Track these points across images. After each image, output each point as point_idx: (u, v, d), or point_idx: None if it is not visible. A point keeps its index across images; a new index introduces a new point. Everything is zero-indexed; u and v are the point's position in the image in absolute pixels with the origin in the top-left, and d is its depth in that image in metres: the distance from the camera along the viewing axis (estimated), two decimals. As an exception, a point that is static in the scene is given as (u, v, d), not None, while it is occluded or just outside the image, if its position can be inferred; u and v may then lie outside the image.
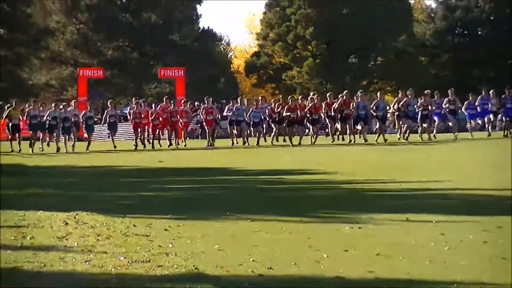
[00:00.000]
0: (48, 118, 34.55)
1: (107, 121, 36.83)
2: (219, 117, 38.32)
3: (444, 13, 79.15)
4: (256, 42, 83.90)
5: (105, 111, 38.42)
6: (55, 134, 34.52)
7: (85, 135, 37.05)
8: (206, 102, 38.26)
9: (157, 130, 37.72)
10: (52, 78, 76.49)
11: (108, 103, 38.87)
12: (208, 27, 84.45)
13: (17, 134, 35.75)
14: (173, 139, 37.55)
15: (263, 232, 12.50)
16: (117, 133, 38.42)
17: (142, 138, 36.81)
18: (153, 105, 39.49)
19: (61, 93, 70.36)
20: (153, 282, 8.59)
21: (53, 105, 39.36)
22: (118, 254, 10.44)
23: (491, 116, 35.51)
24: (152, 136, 37.08)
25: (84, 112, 37.50)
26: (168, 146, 36.92)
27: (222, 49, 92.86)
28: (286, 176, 23.46)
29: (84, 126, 36.42)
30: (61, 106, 37.74)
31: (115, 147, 36.62)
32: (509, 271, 8.67)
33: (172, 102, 39.15)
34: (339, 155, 29.86)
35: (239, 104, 36.46)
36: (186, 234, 12.31)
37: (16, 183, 23.64)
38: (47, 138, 35.23)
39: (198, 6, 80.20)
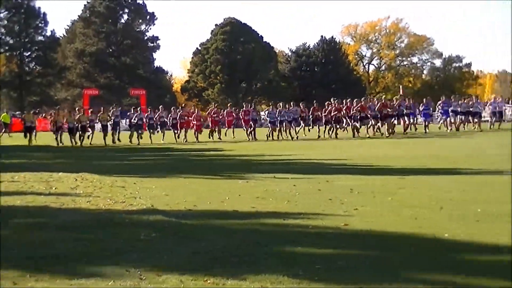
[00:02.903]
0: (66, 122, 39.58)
1: (112, 119, 41.21)
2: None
3: (295, 58, 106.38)
4: (187, 75, 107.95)
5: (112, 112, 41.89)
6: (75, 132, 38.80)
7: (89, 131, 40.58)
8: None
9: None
10: (68, 95, 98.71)
11: (112, 107, 43.88)
12: (160, 66, 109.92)
13: (33, 132, 41.63)
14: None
15: (192, 184, 16.17)
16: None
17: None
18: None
19: (73, 104, 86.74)
20: (127, 214, 11.02)
21: (67, 111, 46.30)
22: (106, 197, 13.27)
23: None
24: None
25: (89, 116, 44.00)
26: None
27: (167, 78, 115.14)
28: (207, 152, 30.43)
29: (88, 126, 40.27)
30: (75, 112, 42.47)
31: (119, 140, 40.51)
32: (337, 207, 11.41)
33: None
34: (246, 144, 38.17)
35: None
36: (147, 185, 15.61)
37: (47, 156, 29.21)
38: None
39: (153, 53, 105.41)
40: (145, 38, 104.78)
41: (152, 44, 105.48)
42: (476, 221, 9.62)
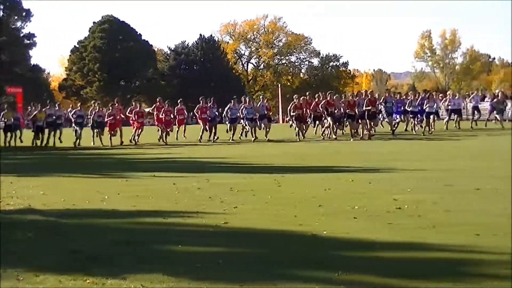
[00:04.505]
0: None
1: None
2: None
3: (174, 56, 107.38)
4: (65, 72, 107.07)
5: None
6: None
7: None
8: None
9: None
10: None
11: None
12: (37, 64, 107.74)
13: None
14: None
15: (71, 183, 16.02)
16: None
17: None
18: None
19: None
20: (4, 214, 10.92)
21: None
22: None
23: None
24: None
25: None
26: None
27: (45, 76, 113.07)
28: (87, 151, 30.13)
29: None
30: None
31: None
32: (217, 205, 11.46)
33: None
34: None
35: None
36: (24, 184, 15.34)
37: None
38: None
39: (30, 50, 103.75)
40: (21, 35, 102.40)
41: (28, 41, 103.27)
42: (354, 219, 9.80)
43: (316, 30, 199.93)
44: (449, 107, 37.02)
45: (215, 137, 34.78)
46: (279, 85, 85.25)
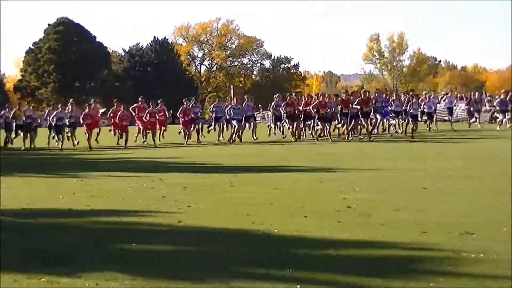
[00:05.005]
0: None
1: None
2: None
3: (129, 58, 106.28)
4: (20, 74, 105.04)
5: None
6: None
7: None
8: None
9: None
10: None
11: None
12: None
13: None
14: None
15: (27, 182, 16.21)
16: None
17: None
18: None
19: None
20: None
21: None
22: None
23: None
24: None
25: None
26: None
27: (0, 78, 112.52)
28: (43, 151, 29.75)
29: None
30: None
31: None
32: (171, 204, 11.41)
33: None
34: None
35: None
36: None
37: None
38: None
39: None
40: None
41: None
42: (305, 217, 9.83)
43: (268, 32, 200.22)
44: (425, 109, 35.34)
45: (194, 138, 33.02)
46: (232, 86, 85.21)
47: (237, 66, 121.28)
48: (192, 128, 33.10)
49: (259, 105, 46.10)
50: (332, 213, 10.08)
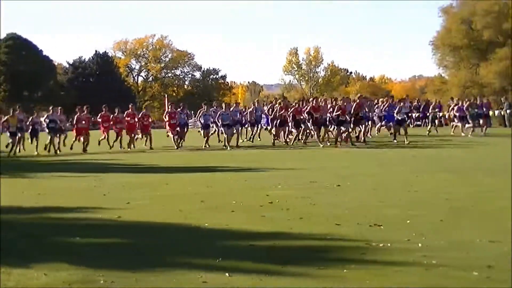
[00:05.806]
0: None
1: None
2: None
3: (73, 70, 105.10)
4: None
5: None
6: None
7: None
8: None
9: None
10: None
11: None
12: None
13: None
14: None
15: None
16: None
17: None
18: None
19: None
20: None
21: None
22: None
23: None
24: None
25: None
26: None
27: None
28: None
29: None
30: None
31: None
32: (111, 201, 11.16)
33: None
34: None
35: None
36: None
37: None
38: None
39: None
40: None
41: None
42: (232, 212, 9.84)
43: (198, 46, 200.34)
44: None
45: (181, 142, 30.66)
46: (166, 95, 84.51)
47: (171, 77, 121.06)
48: (181, 132, 30.82)
49: (191, 112, 45.64)
50: (256, 208, 10.07)
